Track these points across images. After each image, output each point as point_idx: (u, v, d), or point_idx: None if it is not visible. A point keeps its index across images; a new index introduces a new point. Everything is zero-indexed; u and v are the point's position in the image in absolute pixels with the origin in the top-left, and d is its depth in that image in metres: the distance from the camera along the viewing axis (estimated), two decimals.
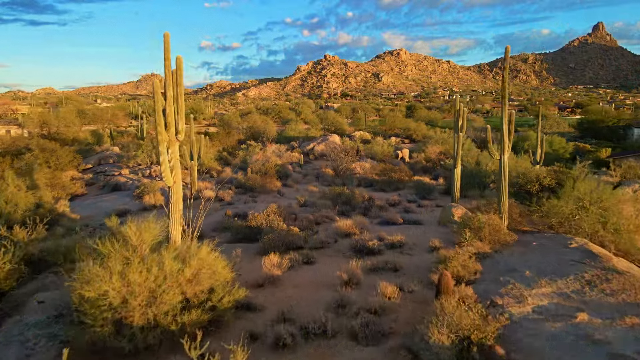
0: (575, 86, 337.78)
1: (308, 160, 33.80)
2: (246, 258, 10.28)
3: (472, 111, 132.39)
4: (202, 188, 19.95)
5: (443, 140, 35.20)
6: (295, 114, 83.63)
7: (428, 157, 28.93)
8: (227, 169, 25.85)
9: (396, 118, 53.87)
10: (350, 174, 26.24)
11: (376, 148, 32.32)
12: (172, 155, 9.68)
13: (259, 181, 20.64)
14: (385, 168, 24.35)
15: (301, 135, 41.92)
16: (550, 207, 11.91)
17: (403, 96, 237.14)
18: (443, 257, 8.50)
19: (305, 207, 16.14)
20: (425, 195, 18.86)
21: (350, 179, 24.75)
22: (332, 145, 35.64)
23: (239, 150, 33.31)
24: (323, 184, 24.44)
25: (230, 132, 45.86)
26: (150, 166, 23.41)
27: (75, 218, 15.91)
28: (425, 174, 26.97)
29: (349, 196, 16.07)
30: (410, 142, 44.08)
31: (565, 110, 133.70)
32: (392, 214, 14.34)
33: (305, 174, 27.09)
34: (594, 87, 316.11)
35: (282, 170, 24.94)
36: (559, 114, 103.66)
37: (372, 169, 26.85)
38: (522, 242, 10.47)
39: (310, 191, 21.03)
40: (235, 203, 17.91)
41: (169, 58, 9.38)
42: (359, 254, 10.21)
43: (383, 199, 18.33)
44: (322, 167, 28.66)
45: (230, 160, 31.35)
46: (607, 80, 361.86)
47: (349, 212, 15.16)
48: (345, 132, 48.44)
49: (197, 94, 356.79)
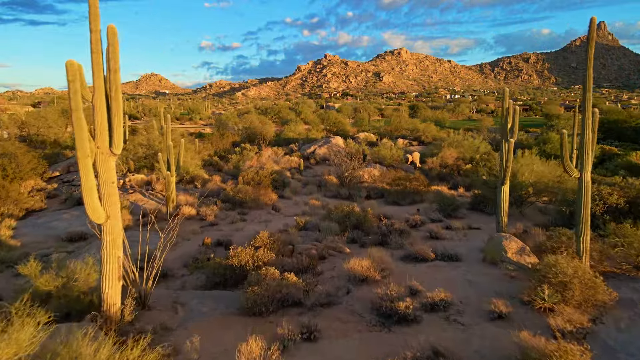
0: (578, 86, 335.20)
1: (308, 165, 30.51)
2: (217, 326, 6.99)
3: (476, 110, 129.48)
4: (181, 202, 16.64)
5: (457, 142, 31.90)
6: (295, 114, 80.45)
7: (444, 163, 25.62)
8: (216, 177, 22.55)
9: (402, 118, 50.52)
10: (357, 183, 22.95)
11: (384, 152, 29.01)
12: (105, 177, 6.38)
13: (250, 193, 17.34)
14: (398, 176, 21.05)
15: (301, 137, 38.58)
16: (634, 238, 8.69)
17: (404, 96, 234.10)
18: (529, 354, 5.18)
19: (306, 231, 12.84)
20: (451, 213, 15.54)
21: (357, 189, 21.45)
22: (335, 148, 32.36)
23: (233, 154, 30.02)
24: (326, 194, 21.13)
25: (225, 133, 42.56)
26: (125, 174, 20.11)
27: (14, 245, 12.63)
28: (442, 182, 23.68)
29: (360, 217, 12.77)
30: (419, 144, 40.75)
31: (571, 110, 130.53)
32: (419, 244, 11.03)
33: (305, 182, 23.78)
34: (596, 87, 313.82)
35: (279, 178, 21.64)
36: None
37: (381, 176, 23.55)
38: (622, 300, 7.19)
39: (312, 206, 17.72)
40: (219, 223, 14.59)
41: (97, 29, 6.09)
42: (386, 320, 6.92)
43: (401, 218, 15.02)
44: (325, 173, 25.36)
45: (222, 165, 28.05)
46: (609, 80, 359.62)
47: (362, 239, 11.86)
48: (348, 134, 45.13)
49: (196, 94, 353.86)
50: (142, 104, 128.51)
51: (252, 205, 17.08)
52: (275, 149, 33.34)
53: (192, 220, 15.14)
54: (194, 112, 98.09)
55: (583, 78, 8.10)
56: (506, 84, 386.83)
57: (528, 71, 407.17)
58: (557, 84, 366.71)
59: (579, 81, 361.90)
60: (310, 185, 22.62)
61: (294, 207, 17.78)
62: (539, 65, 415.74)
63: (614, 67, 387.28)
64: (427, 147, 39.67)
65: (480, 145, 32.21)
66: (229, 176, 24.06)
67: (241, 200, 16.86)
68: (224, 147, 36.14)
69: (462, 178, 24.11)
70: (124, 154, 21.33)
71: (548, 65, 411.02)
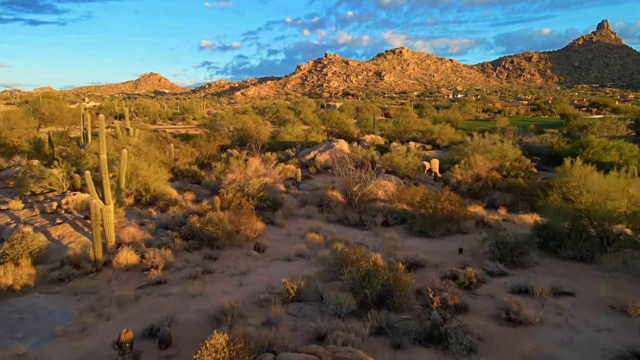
0: (581, 85, 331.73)
1: (307, 174, 25.55)
2: None
3: (482, 110, 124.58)
4: (124, 240, 11.68)
5: (483, 147, 26.95)
6: (294, 113, 75.63)
7: (476, 175, 20.62)
8: (188, 194, 17.61)
9: (411, 118, 45.38)
10: (369, 201, 17.99)
11: (398, 159, 24.03)
12: None
13: (226, 224, 12.39)
14: (424, 195, 16.07)
15: (299, 140, 33.54)
16: None
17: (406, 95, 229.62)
18: None
19: (300, 305, 7.89)
20: (515, 258, 10.53)
21: (370, 211, 16.49)
22: (338, 154, 27.40)
23: (218, 162, 24.98)
24: (330, 218, 16.15)
25: (213, 135, 37.60)
26: (64, 194, 15.15)
27: None
28: (474, 200, 18.73)
29: (387, 282, 7.82)
30: (434, 148, 35.77)
31: (581, 110, 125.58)
32: (495, 338, 6.11)
33: (303, 199, 18.79)
34: (599, 86, 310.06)
35: (269, 196, 16.68)
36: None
37: (399, 192, 18.56)
38: None
39: (311, 242, 12.75)
40: (169, 281, 9.61)
41: None
42: None
43: (437, 263, 10.13)
44: (327, 188, 20.39)
45: (203, 176, 23.06)
46: (612, 79, 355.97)
47: (394, 325, 6.93)
48: (352, 136, 40.16)
49: (194, 93, 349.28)
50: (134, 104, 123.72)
51: (227, 243, 12.13)
52: (269, 154, 28.35)
53: (133, 271, 10.20)
54: (188, 112, 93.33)
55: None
56: (508, 83, 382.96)
57: (530, 70, 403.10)
58: (560, 83, 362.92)
59: (583, 80, 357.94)
60: (309, 206, 17.65)
61: (285, 244, 12.82)
62: (541, 65, 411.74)
63: (617, 67, 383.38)
64: (443, 152, 34.72)
65: (510, 150, 27.26)
66: (208, 192, 19.09)
67: (210, 236, 11.90)
68: (209, 153, 31.20)
69: (501, 194, 19.14)
70: (65, 166, 16.33)
71: (551, 65, 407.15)
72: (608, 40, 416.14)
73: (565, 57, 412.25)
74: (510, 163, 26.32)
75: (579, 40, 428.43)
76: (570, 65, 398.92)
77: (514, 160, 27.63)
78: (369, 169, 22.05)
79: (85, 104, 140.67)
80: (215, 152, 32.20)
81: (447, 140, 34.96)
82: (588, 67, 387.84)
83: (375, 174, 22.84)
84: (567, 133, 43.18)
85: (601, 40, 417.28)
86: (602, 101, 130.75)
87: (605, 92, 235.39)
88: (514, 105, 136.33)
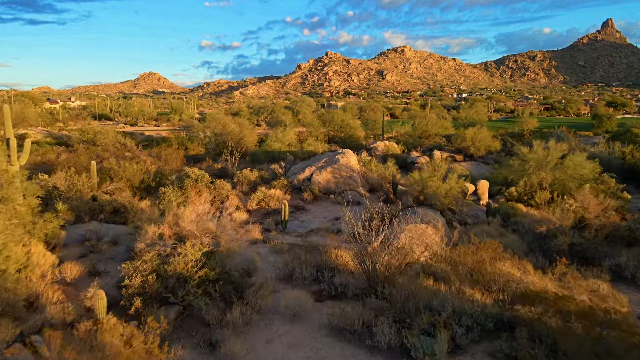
0: (586, 84, 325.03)
1: (301, 203, 17.54)
2: None
3: (494, 110, 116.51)
4: None
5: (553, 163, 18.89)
6: (292, 113, 67.61)
7: (583, 217, 12.43)
8: (70, 269, 9.57)
9: (429, 120, 37.09)
10: (400, 271, 9.93)
11: (434, 184, 15.95)
12: None
13: None
14: (548, 292, 8.04)
15: (292, 149, 25.44)
16: None
17: (409, 94, 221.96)
18: None
19: None
20: None
21: (411, 302, 8.44)
22: (344, 171, 19.30)
23: (168, 187, 16.82)
24: (336, 326, 8.09)
25: (182, 142, 29.61)
26: None
27: None
28: (583, 264, 10.73)
29: None
30: (466, 159, 27.77)
31: (613, 109, 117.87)
32: None
33: (287, 268, 10.68)
34: (605, 86, 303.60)
35: (224, 268, 8.77)
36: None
37: (458, 257, 10.45)
38: None
39: None
40: None
41: None
42: None
43: None
44: (330, 236, 12.29)
45: (136, 211, 14.91)
46: (618, 79, 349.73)
47: None
48: (359, 142, 32.17)
49: (192, 92, 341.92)
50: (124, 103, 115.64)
51: None
52: (247, 172, 20.24)
53: None
54: (176, 112, 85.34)
55: None
56: (512, 82, 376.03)
57: (535, 69, 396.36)
58: (565, 83, 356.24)
59: (588, 80, 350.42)
60: (296, 280, 9.59)
61: None
62: (545, 64, 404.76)
63: (623, 66, 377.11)
64: (479, 164, 26.73)
65: (587, 166, 19.23)
66: (123, 249, 11.03)
67: None
68: (170, 167, 23.17)
69: (628, 250, 11.11)
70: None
71: (555, 64, 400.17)
72: (613, 39, 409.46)
73: (569, 56, 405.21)
74: (591, 186, 18.31)
75: (583, 39, 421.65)
76: (575, 64, 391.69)
77: (592, 180, 19.61)
78: (392, 200, 13.99)
79: (71, 103, 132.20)
80: (179, 165, 24.23)
81: (484, 148, 26.92)
82: (593, 66, 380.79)
83: (402, 208, 14.81)
84: (613, 136, 35.40)
85: (606, 39, 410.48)
86: (619, 100, 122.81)
87: (612, 91, 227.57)
88: (527, 104, 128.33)
